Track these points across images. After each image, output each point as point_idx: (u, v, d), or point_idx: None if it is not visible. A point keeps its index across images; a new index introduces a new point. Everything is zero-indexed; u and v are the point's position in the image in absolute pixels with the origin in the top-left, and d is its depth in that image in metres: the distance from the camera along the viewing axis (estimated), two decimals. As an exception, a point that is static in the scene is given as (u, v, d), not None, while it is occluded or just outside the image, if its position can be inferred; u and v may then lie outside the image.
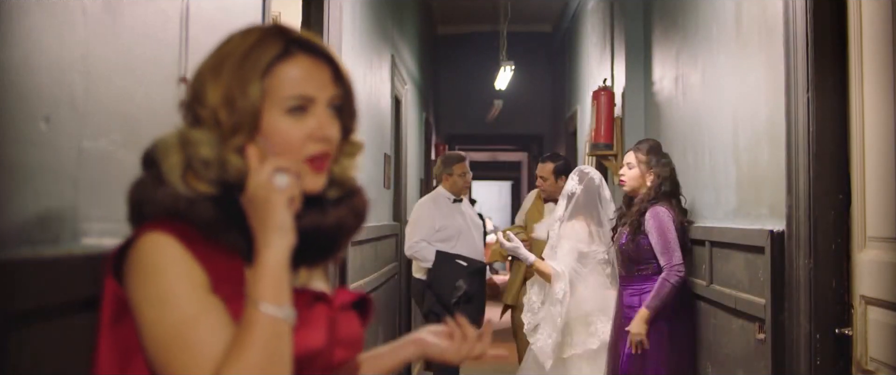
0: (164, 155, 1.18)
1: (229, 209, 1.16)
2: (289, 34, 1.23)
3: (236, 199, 1.16)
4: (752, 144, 3.23)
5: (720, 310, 3.51)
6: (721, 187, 3.65)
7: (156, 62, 1.57)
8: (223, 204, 1.16)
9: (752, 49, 3.25)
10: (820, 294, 2.66)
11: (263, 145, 1.17)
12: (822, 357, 2.64)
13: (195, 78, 1.21)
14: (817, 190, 2.66)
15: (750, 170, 3.27)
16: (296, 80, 1.20)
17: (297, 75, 1.20)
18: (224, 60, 1.19)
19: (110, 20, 1.39)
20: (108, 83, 1.36)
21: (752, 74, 3.24)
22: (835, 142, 2.65)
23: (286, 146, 1.18)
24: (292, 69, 1.20)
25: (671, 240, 3.76)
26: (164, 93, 1.60)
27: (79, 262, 1.26)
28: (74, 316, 1.24)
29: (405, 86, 6.46)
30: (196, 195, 1.15)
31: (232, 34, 1.23)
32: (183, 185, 1.16)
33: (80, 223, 1.27)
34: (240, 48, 1.20)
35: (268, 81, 1.18)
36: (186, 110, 1.20)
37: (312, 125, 1.20)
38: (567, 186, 4.51)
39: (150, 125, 1.53)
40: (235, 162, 1.17)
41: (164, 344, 1.10)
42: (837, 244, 2.65)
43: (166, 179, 1.16)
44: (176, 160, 1.17)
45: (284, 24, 1.28)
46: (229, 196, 1.16)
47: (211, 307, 1.12)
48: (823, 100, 2.67)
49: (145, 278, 1.11)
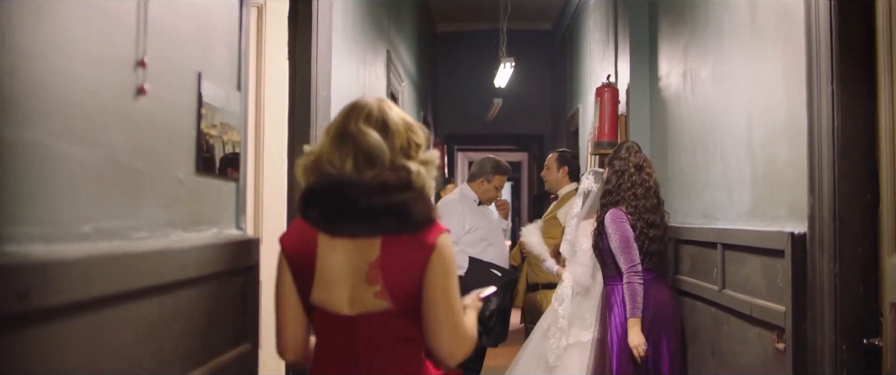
0: (424, 180, 1.91)
1: None
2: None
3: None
4: (769, 140, 3.04)
5: (734, 317, 3.31)
6: (734, 186, 3.45)
7: (108, 42, 1.37)
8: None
9: (769, 40, 3.05)
10: (846, 301, 2.46)
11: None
12: (848, 368, 2.44)
13: (409, 127, 1.95)
14: (843, 190, 2.46)
15: (766, 167, 3.07)
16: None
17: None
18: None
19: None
20: (41, 63, 1.16)
21: (768, 66, 3.05)
22: (861, 137, 2.46)
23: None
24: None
25: (628, 241, 3.83)
26: (118, 77, 1.41)
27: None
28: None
29: (402, 83, 6.27)
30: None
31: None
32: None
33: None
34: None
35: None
36: (408, 149, 1.91)
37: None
38: (582, 185, 4.50)
39: (100, 114, 1.33)
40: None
41: (453, 302, 1.89)
42: (865, 248, 2.45)
43: (427, 197, 1.91)
44: (431, 184, 1.93)
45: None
46: None
47: None
48: (849, 92, 2.47)
49: (449, 261, 1.88)
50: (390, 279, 1.84)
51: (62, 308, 1.17)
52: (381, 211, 1.83)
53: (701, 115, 3.98)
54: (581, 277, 4.28)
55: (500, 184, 5.36)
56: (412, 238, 1.86)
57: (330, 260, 1.86)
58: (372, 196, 1.83)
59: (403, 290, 1.85)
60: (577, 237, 4.37)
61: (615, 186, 3.98)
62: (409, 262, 1.85)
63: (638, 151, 4.08)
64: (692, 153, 4.09)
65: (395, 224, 1.85)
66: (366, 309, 1.85)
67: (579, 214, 4.43)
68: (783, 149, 2.89)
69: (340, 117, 1.93)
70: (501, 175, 5.34)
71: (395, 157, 1.88)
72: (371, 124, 1.89)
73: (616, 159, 4.06)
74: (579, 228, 4.38)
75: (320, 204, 1.87)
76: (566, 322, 4.20)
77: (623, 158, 4.03)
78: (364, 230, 1.85)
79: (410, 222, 1.85)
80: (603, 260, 3.99)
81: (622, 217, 3.89)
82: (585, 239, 4.31)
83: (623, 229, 3.85)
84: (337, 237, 1.86)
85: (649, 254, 3.88)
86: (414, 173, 1.88)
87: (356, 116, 1.90)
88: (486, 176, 5.27)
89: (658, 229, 3.93)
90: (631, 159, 4.02)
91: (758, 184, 3.17)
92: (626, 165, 4.00)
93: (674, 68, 4.53)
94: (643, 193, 3.95)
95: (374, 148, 1.86)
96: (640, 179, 3.97)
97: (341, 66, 3.67)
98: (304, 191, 1.89)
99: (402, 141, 1.90)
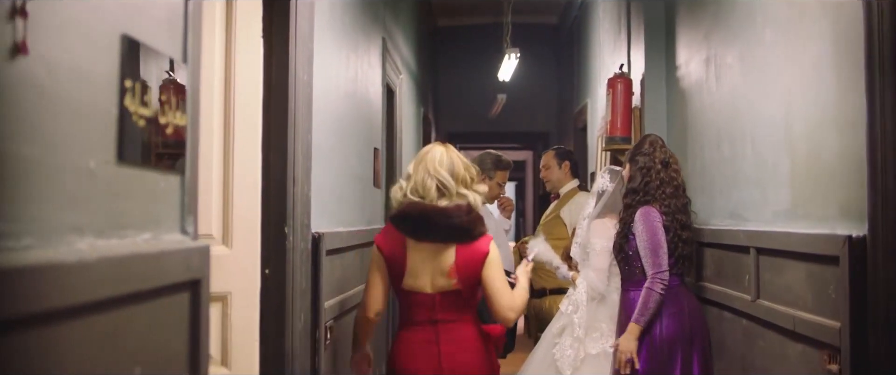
0: (477, 205, 2.95)
1: None
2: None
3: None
4: (813, 130, 2.65)
5: (771, 332, 2.92)
6: (768, 183, 3.06)
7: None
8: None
9: (812, 17, 2.66)
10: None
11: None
12: (919, 398, 2.05)
13: (466, 166, 2.98)
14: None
15: (809, 161, 2.68)
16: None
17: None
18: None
19: None
20: None
21: (812, 47, 2.66)
22: (934, 123, 2.07)
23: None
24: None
25: (660, 243, 3.43)
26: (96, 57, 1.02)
27: None
28: None
29: (400, 75, 5.88)
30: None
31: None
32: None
33: None
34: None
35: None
36: (466, 182, 2.95)
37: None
38: (597, 184, 4.13)
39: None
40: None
41: (502, 281, 2.97)
42: (939, 253, 2.06)
43: (480, 216, 2.98)
44: (480, 204, 2.99)
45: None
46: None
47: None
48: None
49: (496, 259, 2.98)
50: (462, 272, 2.92)
51: None
52: (456, 228, 2.91)
53: (727, 105, 3.59)
54: (596, 282, 3.91)
55: (503, 180, 4.96)
56: (473, 245, 2.95)
57: (418, 257, 2.94)
58: (451, 218, 2.89)
59: (468, 279, 2.94)
60: (589, 237, 3.99)
61: (641, 185, 3.58)
62: (474, 262, 2.94)
63: (662, 146, 3.69)
64: (716, 147, 3.70)
65: (463, 237, 2.93)
66: (442, 290, 2.94)
67: (591, 214, 4.05)
68: (831, 139, 2.50)
69: (419, 160, 2.99)
70: (503, 170, 4.94)
71: (458, 188, 2.93)
72: (443, 166, 2.94)
73: (639, 155, 3.66)
74: (591, 228, 4.01)
75: (412, 220, 2.92)
76: (582, 331, 3.81)
77: (647, 153, 3.63)
78: (444, 239, 2.92)
79: (472, 235, 2.95)
80: (628, 264, 3.59)
81: (657, 216, 3.48)
82: (598, 240, 3.94)
83: (655, 229, 3.45)
84: (422, 242, 2.93)
85: (681, 258, 3.50)
86: (472, 201, 2.95)
87: (431, 160, 2.95)
88: (487, 173, 4.88)
89: (690, 230, 3.54)
90: (656, 154, 3.62)
91: (798, 180, 2.78)
92: (651, 161, 3.60)
93: (694, 55, 4.14)
94: (672, 192, 3.56)
95: (446, 184, 2.92)
96: (668, 176, 3.58)
97: (326, 50, 3.28)
98: (401, 210, 2.94)
99: (461, 177, 2.96)
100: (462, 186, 2.92)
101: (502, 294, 2.94)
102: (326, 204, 3.30)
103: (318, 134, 3.09)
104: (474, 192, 2.94)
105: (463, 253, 2.91)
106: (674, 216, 3.50)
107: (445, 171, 2.90)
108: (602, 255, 3.91)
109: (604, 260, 3.90)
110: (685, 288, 3.57)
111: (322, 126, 3.21)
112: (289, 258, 2.67)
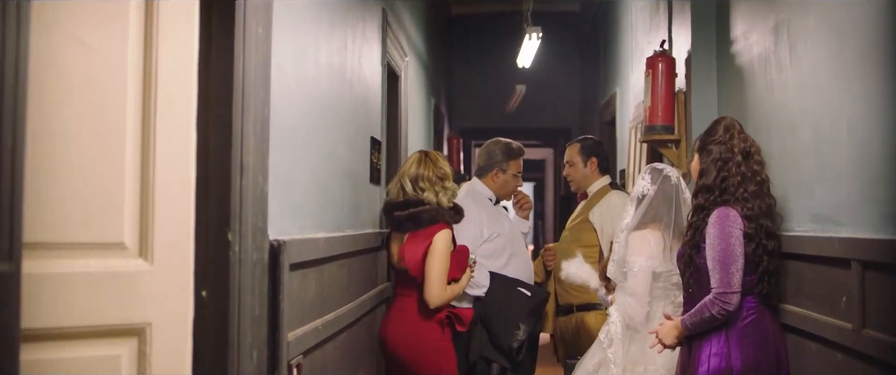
0: (431, 198, 3.65)
1: None
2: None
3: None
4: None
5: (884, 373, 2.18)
6: (872, 177, 2.34)
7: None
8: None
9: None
10: None
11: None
12: None
13: (435, 169, 3.69)
14: None
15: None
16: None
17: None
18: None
19: None
20: None
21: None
22: None
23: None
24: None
25: (735, 255, 2.71)
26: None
27: None
28: None
29: (405, 58, 5.16)
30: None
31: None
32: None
33: None
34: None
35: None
36: (430, 178, 3.65)
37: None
38: (637, 187, 3.38)
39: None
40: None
41: (436, 272, 3.54)
42: None
43: (434, 208, 3.64)
44: (443, 198, 3.69)
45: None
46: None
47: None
48: None
49: (437, 249, 3.54)
50: (406, 255, 3.54)
51: None
52: (403, 219, 3.60)
53: (807, 81, 2.85)
54: (633, 310, 3.18)
55: (518, 170, 4.18)
56: (420, 233, 3.56)
57: (395, 241, 3.69)
58: (401, 211, 3.60)
59: (413, 262, 3.52)
60: (628, 254, 3.26)
61: (717, 181, 2.84)
62: (417, 248, 3.53)
63: (740, 132, 2.94)
64: (791, 133, 2.96)
65: (408, 226, 3.60)
66: (401, 268, 3.61)
67: (630, 225, 3.32)
68: None
69: (402, 166, 3.80)
70: (516, 158, 4.18)
71: (422, 186, 3.64)
72: (408, 174, 3.66)
73: (712, 143, 2.91)
74: (629, 243, 3.28)
75: (388, 214, 3.71)
76: (619, 370, 3.07)
77: (722, 142, 2.89)
78: (397, 228, 3.66)
79: (418, 224, 3.58)
80: (697, 282, 2.86)
81: (736, 220, 2.76)
82: (637, 258, 3.23)
83: (732, 236, 2.72)
84: (394, 232, 3.71)
85: (765, 274, 2.77)
86: (428, 198, 3.61)
87: (405, 164, 3.75)
88: (498, 165, 4.14)
89: (776, 240, 2.81)
90: (734, 143, 2.88)
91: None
92: (728, 152, 2.87)
93: (757, 24, 3.40)
94: (756, 190, 2.83)
95: (411, 185, 3.65)
96: (751, 170, 2.85)
97: (292, 13, 2.55)
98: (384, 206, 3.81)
99: (427, 177, 3.65)
100: (427, 185, 3.61)
101: (430, 282, 3.49)
102: (299, 203, 2.59)
103: (285, 110, 2.39)
104: (439, 191, 3.63)
105: (412, 239, 3.55)
106: (758, 221, 2.77)
107: (408, 178, 3.64)
108: (641, 277, 3.20)
109: (644, 283, 3.19)
110: (770, 311, 2.83)
111: (293, 101, 2.50)
112: (233, 274, 1.96)
